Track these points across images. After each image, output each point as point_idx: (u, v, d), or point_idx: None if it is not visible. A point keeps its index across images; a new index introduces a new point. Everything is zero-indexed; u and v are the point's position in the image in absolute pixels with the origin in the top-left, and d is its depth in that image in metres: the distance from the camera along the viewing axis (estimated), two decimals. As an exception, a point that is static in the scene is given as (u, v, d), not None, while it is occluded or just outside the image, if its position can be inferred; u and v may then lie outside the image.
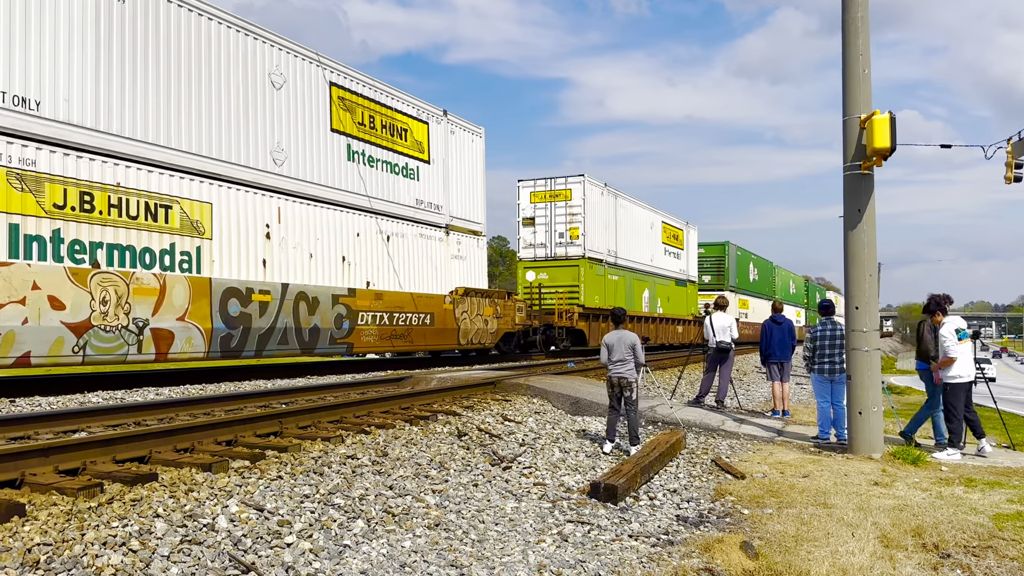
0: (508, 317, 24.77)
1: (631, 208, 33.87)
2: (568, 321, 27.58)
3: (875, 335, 9.86)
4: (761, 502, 7.41)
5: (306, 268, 17.21)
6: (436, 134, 22.37)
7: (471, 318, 22.78)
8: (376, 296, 19.12)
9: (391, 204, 20.26)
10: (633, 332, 10.13)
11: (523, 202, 29.86)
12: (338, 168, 18.45)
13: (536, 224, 29.41)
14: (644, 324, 33.78)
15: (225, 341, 14.73)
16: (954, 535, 6.25)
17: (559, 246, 29.16)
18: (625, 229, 32.82)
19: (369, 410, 10.26)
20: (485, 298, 23.70)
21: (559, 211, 29.17)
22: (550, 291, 28.58)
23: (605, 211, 30.59)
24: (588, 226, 28.84)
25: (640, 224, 34.93)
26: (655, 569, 5.52)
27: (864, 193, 9.86)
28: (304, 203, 17.34)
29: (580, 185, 28.83)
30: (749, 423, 12.13)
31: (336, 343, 17.70)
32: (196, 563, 4.70)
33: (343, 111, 18.66)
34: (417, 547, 5.59)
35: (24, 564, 4.29)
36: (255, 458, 7.00)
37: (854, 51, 9.85)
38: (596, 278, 29.37)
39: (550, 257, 29.25)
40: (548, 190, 29.34)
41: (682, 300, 40.31)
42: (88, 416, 8.75)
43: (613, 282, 31.13)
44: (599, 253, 29.79)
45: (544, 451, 9.36)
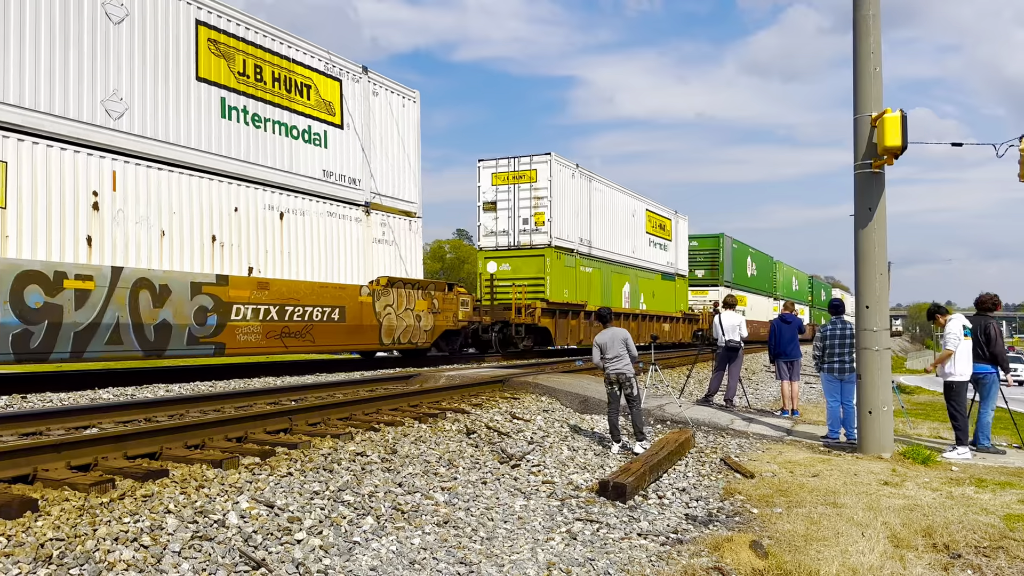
0: (448, 312, 21.48)
1: (608, 193, 30.66)
2: (528, 317, 24.36)
3: (885, 334, 9.82)
4: (771, 501, 7.40)
5: (154, 249, 13.73)
6: (352, 94, 18.81)
7: (398, 313, 19.36)
8: (260, 285, 15.58)
9: (287, 174, 16.78)
10: (623, 328, 10.19)
11: (484, 184, 26.67)
12: (207, 126, 14.97)
13: (498, 209, 26.27)
14: (624, 322, 30.75)
15: (20, 340, 11.47)
16: (965, 535, 6.22)
17: (523, 234, 26.06)
18: (601, 216, 29.64)
19: (378, 407, 10.28)
20: (418, 290, 20.27)
21: (523, 194, 26.00)
22: (506, 283, 25.60)
23: (576, 195, 27.53)
24: (555, 211, 25.79)
25: (619, 211, 31.71)
26: (665, 568, 5.52)
27: (875, 192, 9.82)
28: (154, 167, 13.85)
29: (546, 165, 25.68)
30: (758, 422, 12.10)
31: (199, 343, 14.19)
32: (207, 559, 4.72)
33: (216, 57, 15.20)
34: (426, 544, 5.61)
35: (37, 559, 4.32)
36: (265, 455, 7.03)
37: (865, 49, 9.81)
38: (564, 270, 26.45)
39: (513, 246, 26.18)
40: (511, 171, 26.12)
41: (669, 296, 37.41)
42: (99, 412, 8.80)
43: (586, 274, 28.15)
44: (569, 242, 26.81)
45: (553, 449, 9.36)
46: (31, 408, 9.54)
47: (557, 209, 25.96)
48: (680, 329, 37.84)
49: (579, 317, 27.28)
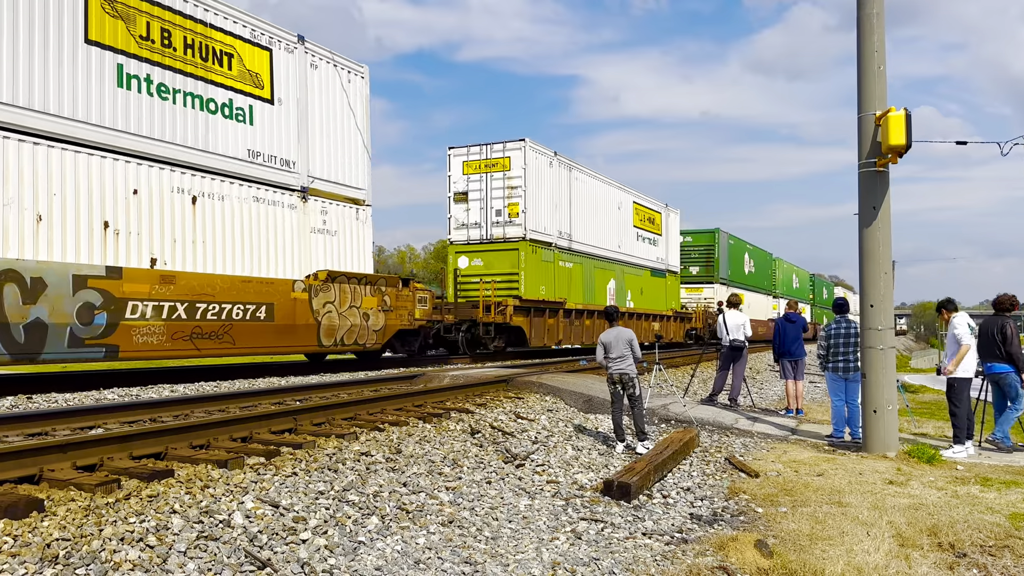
0: (403, 311, 19.32)
1: (591, 184, 28.77)
2: (499, 316, 22.43)
3: (890, 333, 9.81)
4: (775, 501, 7.39)
5: (27, 236, 11.82)
6: (285, 66, 16.79)
7: (341, 311, 17.19)
8: (164, 279, 13.54)
9: (202, 154, 14.76)
10: (629, 328, 10.21)
11: (455, 174, 24.93)
12: (99, 96, 13.04)
13: (469, 200, 24.52)
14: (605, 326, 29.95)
15: None
16: (970, 534, 6.21)
17: (496, 226, 24.15)
18: (583, 208, 27.84)
19: (382, 407, 10.30)
20: (366, 286, 18.12)
21: (496, 184, 24.16)
22: (476, 280, 23.70)
23: (555, 185, 25.70)
24: (530, 202, 23.99)
25: (603, 203, 29.77)
26: (669, 567, 5.52)
27: (879, 190, 9.81)
28: (28, 141, 12.02)
29: (520, 152, 23.84)
30: (762, 421, 12.09)
31: (84, 345, 12.24)
32: (212, 559, 4.74)
33: (112, 18, 13.29)
34: (431, 544, 5.61)
35: (43, 559, 4.34)
36: (270, 455, 7.04)
37: (869, 47, 9.80)
38: (541, 265, 24.56)
39: (486, 239, 24.33)
40: (483, 159, 24.28)
41: (659, 293, 35.31)
42: (104, 413, 8.82)
43: (565, 270, 26.27)
44: (546, 235, 25.05)
45: (557, 449, 9.36)
46: (37, 409, 9.56)
47: (533, 199, 24.12)
48: (671, 328, 35.95)
49: (557, 315, 25.49)
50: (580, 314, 27.14)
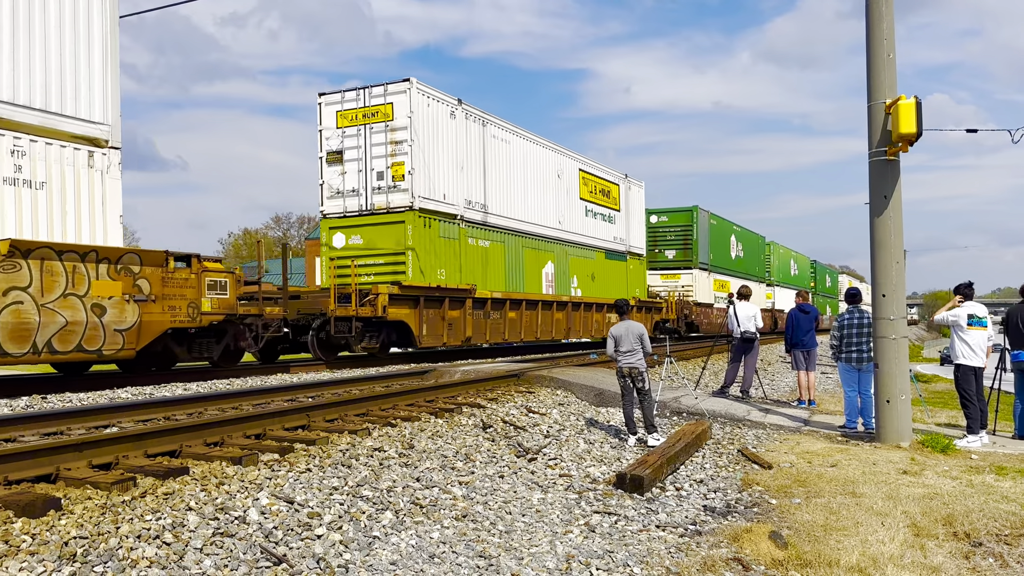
0: (178, 301, 13.70)
1: (518, 144, 23.78)
2: (368, 308, 17.37)
3: (903, 323, 9.77)
4: (789, 492, 7.38)
5: None
6: None
7: (44, 303, 11.55)
8: None
9: None
10: (639, 323, 10.18)
11: (327, 127, 19.82)
12: None
13: (345, 160, 19.57)
14: (546, 312, 24.51)
15: None
16: (985, 523, 6.19)
17: (377, 193, 19.13)
18: (505, 173, 22.97)
19: (394, 403, 10.32)
20: (100, 263, 12.37)
21: (376, 138, 19.14)
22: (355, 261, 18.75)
23: (460, 141, 20.83)
24: (421, 160, 18.90)
25: (537, 169, 24.81)
26: (684, 559, 5.52)
27: (890, 179, 9.75)
28: None
29: (405, 96, 18.83)
30: (775, 413, 12.07)
31: None
32: (228, 555, 4.76)
33: None
34: (445, 538, 5.63)
35: (62, 557, 4.37)
36: (284, 451, 7.07)
37: (878, 35, 9.73)
38: (439, 242, 19.74)
39: (366, 210, 19.33)
40: (361, 107, 19.38)
41: (617, 279, 30.21)
42: (119, 411, 8.87)
43: (479, 250, 21.55)
44: (447, 205, 20.13)
45: (569, 442, 9.37)
46: (52, 408, 9.63)
47: (424, 158, 19.15)
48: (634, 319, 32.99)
49: (464, 306, 20.42)
50: (500, 305, 22.19)
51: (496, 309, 22.02)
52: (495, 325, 21.99)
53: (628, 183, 31.90)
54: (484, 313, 21.42)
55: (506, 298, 22.42)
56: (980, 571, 5.39)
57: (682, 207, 36.59)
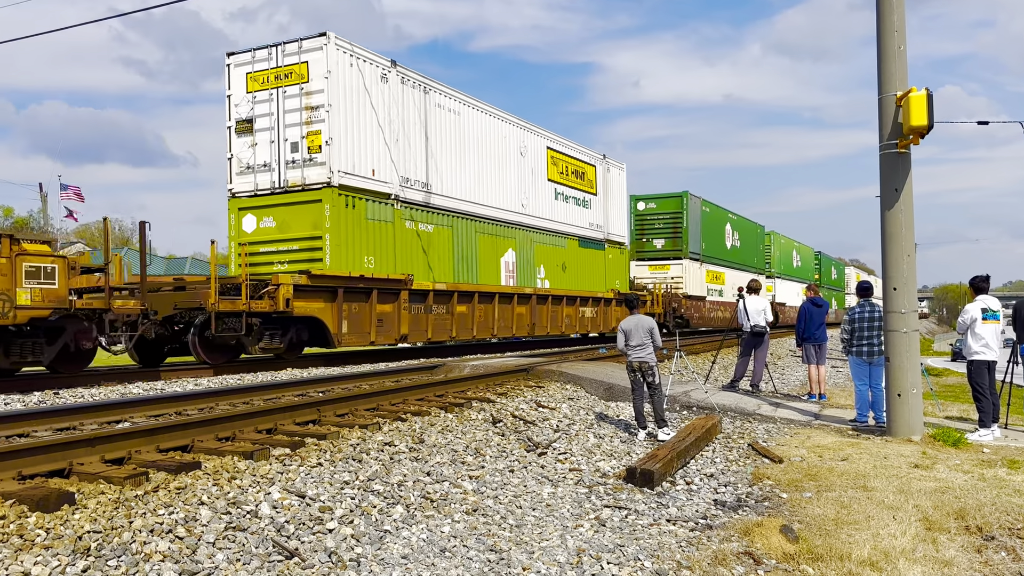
0: None
1: (469, 116, 21.08)
2: (267, 303, 14.65)
3: (914, 316, 9.73)
4: (800, 486, 7.36)
5: None
6: None
7: None
8: None
9: None
10: (650, 317, 10.17)
11: (236, 93, 17.23)
12: None
13: (256, 130, 16.88)
14: (501, 306, 21.68)
15: None
16: (998, 517, 6.16)
17: (292, 167, 16.53)
18: (454, 148, 20.31)
19: (404, 398, 10.35)
20: None
21: (290, 103, 16.56)
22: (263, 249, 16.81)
23: (394, 109, 18.10)
24: (340, 127, 16.32)
25: (495, 145, 22.09)
26: (694, 553, 5.52)
27: (901, 172, 9.70)
28: None
29: (322, 52, 16.25)
30: (785, 407, 12.04)
31: None
32: (241, 549, 4.79)
33: None
34: (456, 532, 5.64)
35: (76, 551, 4.40)
36: (295, 446, 7.10)
37: (889, 27, 9.67)
38: (366, 226, 17.10)
39: (279, 188, 16.71)
40: (273, 67, 16.73)
41: (594, 269, 27.53)
42: (130, 407, 8.92)
43: (421, 235, 18.94)
44: (377, 182, 17.46)
45: (579, 437, 9.38)
46: (64, 404, 9.69)
47: (346, 126, 16.55)
48: (613, 315, 27.95)
49: (398, 300, 17.85)
50: (446, 297, 19.59)
51: (441, 302, 19.37)
52: (439, 321, 19.29)
53: (606, 164, 29.01)
54: (425, 307, 18.73)
55: (453, 290, 19.69)
56: (992, 565, 5.37)
57: (671, 193, 33.91)
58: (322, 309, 15.92)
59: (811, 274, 57.68)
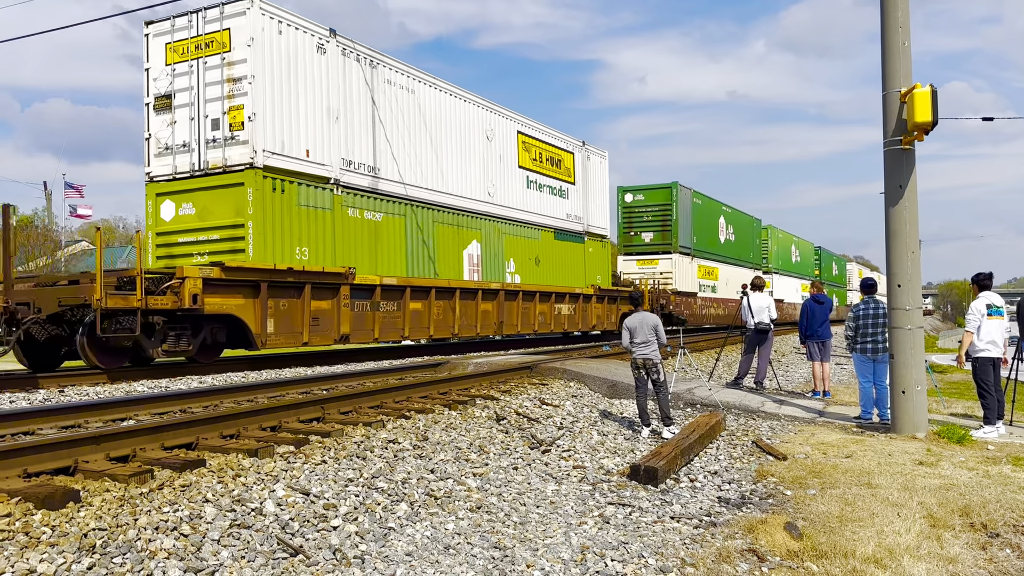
0: None
1: (426, 95, 19.21)
2: (170, 298, 12.64)
3: (918, 313, 9.71)
4: (804, 483, 7.36)
5: None
6: None
7: None
8: None
9: None
10: (653, 313, 10.14)
11: (154, 66, 15.56)
12: None
13: (175, 107, 15.22)
14: (463, 302, 19.65)
15: None
16: (1003, 514, 6.15)
17: (212, 147, 14.80)
18: (406, 130, 18.37)
19: (408, 395, 10.35)
20: None
21: (211, 75, 14.85)
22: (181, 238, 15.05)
23: (333, 83, 16.24)
24: (266, 102, 14.59)
25: (455, 127, 20.26)
26: (698, 550, 5.52)
27: (905, 169, 9.68)
28: None
29: (244, 18, 14.57)
30: (789, 404, 12.03)
31: None
32: (245, 546, 4.80)
33: None
34: (460, 529, 5.65)
35: (81, 548, 4.41)
36: (299, 443, 7.11)
37: (893, 23, 9.65)
38: (300, 213, 15.35)
39: (198, 170, 14.90)
40: (194, 36, 15.12)
41: (572, 263, 25.74)
42: (135, 404, 8.93)
43: (367, 224, 17.04)
44: (314, 164, 15.64)
45: (582, 434, 9.38)
46: (69, 402, 9.71)
47: (273, 100, 14.79)
48: (594, 312, 26.14)
49: (337, 295, 15.80)
50: (397, 294, 17.46)
51: (390, 299, 17.31)
52: (388, 319, 17.24)
53: (586, 152, 27.12)
54: (371, 304, 16.74)
55: (405, 285, 17.60)
56: (997, 562, 5.37)
57: (660, 184, 31.96)
58: (241, 306, 13.92)
59: (811, 270, 56.22)
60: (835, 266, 66.67)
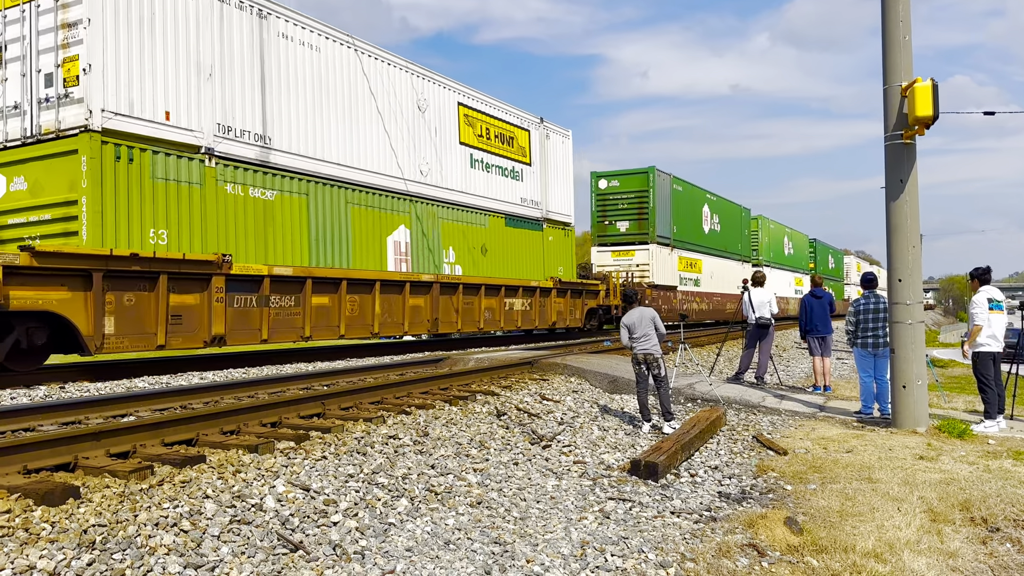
0: None
1: (334, 54, 16.66)
2: None
3: (919, 307, 9.70)
4: (804, 478, 7.36)
5: None
6: None
7: None
8: None
9: None
10: (652, 308, 10.12)
11: None
12: None
13: (6, 61, 12.93)
14: (385, 297, 17.00)
15: None
16: (1003, 509, 6.15)
17: (46, 107, 12.42)
18: (312, 93, 15.89)
19: (409, 391, 10.35)
20: None
21: (44, 20, 12.49)
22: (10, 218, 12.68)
23: (204, 33, 13.77)
24: (106, 51, 12.13)
25: (376, 93, 17.63)
26: (698, 545, 5.52)
27: (906, 163, 9.66)
28: None
29: None
30: (790, 399, 12.03)
31: None
32: (246, 542, 4.80)
33: None
34: (460, 525, 5.65)
35: (81, 545, 4.41)
36: (300, 439, 7.12)
37: (894, 17, 9.62)
38: (157, 188, 12.86)
39: (30, 136, 12.57)
40: None
41: (530, 253, 23.31)
42: (135, 400, 8.94)
43: (256, 204, 14.44)
44: (177, 129, 13.21)
45: (583, 430, 9.38)
46: (69, 398, 9.71)
47: (115, 48, 12.32)
48: (554, 307, 23.63)
49: (208, 288, 13.21)
50: (295, 287, 14.79)
51: (285, 292, 14.63)
52: (283, 317, 14.62)
53: (545, 129, 24.65)
54: (258, 298, 14.04)
55: (305, 276, 14.93)
56: (997, 556, 5.37)
57: (636, 168, 29.68)
58: (65, 301, 11.22)
59: (805, 263, 54.09)
60: (831, 259, 64.55)
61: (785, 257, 49.24)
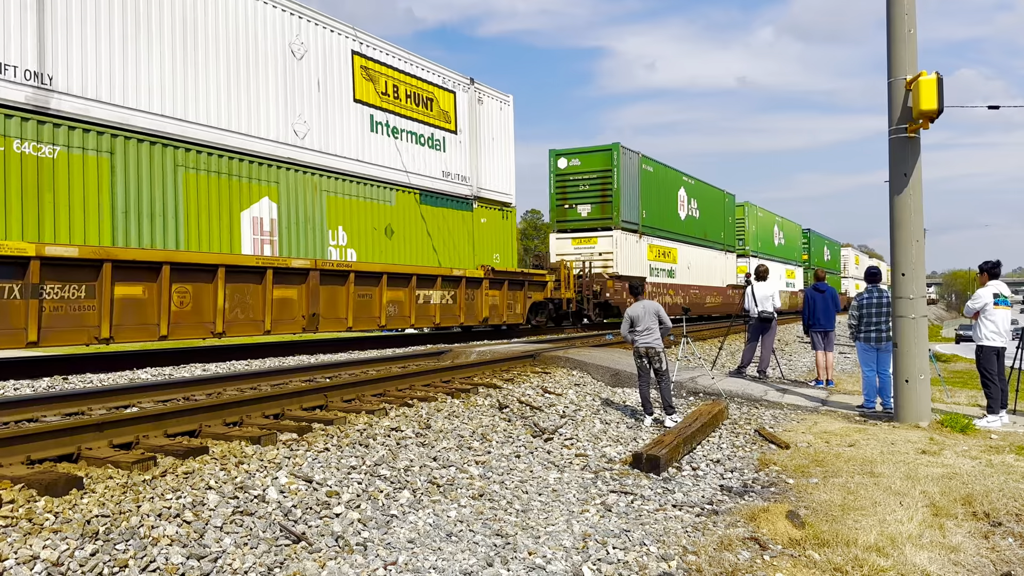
0: None
1: None
2: None
3: (922, 302, 9.68)
4: (806, 471, 7.36)
5: None
6: None
7: None
8: None
9: None
10: (654, 301, 10.10)
11: None
12: None
13: None
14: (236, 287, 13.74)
15: None
16: (1005, 503, 6.15)
17: None
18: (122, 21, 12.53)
19: (411, 383, 10.36)
20: None
21: None
22: None
23: None
24: None
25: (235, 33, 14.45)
26: (700, 538, 5.52)
27: (910, 157, 9.63)
28: None
29: None
30: (792, 393, 12.02)
31: None
32: (248, 533, 4.81)
33: None
34: (462, 517, 5.66)
35: (84, 535, 4.43)
36: (302, 431, 7.13)
37: (899, 11, 9.58)
38: None
39: None
40: None
41: (456, 238, 20.29)
42: (138, 392, 8.96)
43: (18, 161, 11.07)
44: None
45: (585, 423, 9.38)
46: (72, 389, 9.73)
47: None
48: (485, 300, 20.53)
49: None
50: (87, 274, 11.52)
51: (72, 280, 11.38)
52: (67, 312, 11.34)
53: (476, 92, 21.14)
54: (23, 289, 10.76)
55: (99, 259, 11.63)
56: (999, 551, 5.36)
57: (599, 146, 26.45)
58: None
59: (798, 254, 51.10)
60: (827, 251, 61.14)
61: (775, 248, 45.73)
